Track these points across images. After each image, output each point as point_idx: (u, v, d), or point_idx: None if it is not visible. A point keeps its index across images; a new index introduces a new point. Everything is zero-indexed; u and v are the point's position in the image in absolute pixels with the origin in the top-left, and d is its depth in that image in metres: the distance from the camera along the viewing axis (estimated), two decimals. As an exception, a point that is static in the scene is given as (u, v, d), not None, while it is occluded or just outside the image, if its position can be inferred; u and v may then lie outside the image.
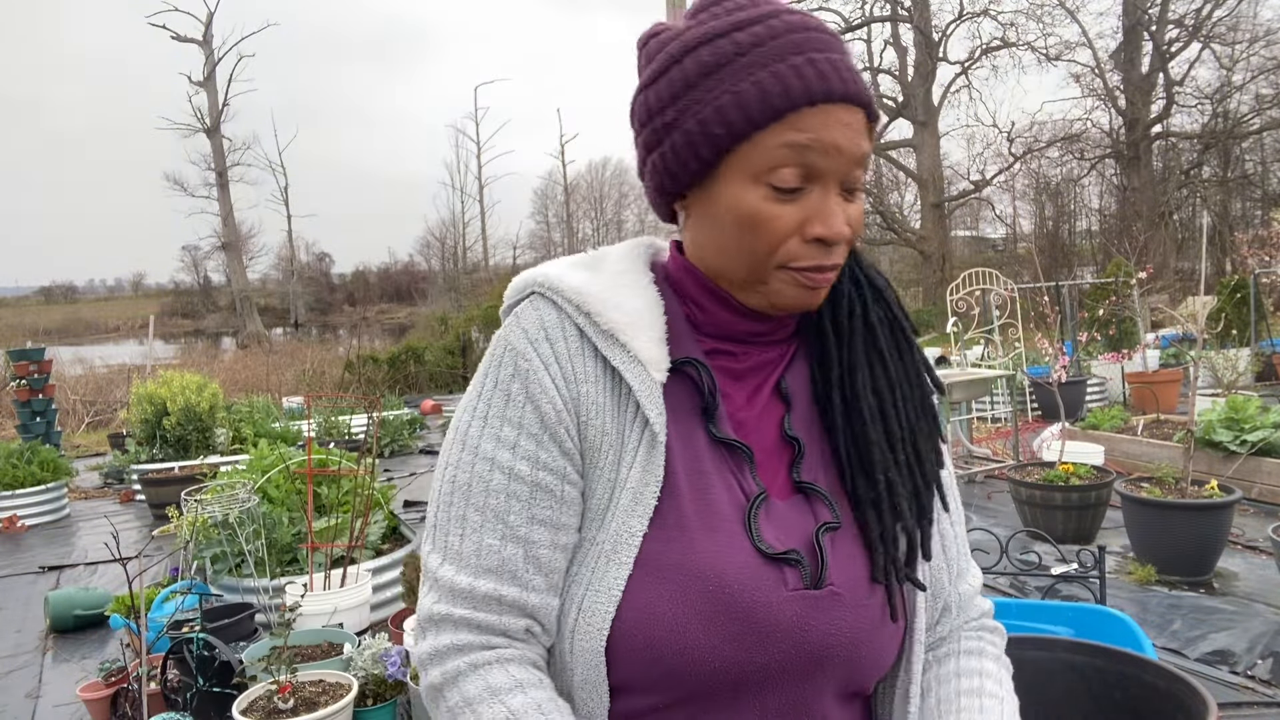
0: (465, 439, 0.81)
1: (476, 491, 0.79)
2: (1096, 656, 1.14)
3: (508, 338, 0.83)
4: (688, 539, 0.77)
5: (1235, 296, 10.82)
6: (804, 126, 0.75)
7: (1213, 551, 4.26)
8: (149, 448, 7.69)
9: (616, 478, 0.79)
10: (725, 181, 0.78)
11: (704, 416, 0.82)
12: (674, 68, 0.79)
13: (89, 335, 39.29)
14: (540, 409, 0.79)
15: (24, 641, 4.44)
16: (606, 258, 0.88)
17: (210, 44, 32.69)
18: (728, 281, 0.84)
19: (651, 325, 0.82)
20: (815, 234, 0.78)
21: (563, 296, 0.82)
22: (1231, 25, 22.08)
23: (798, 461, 0.85)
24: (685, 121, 0.78)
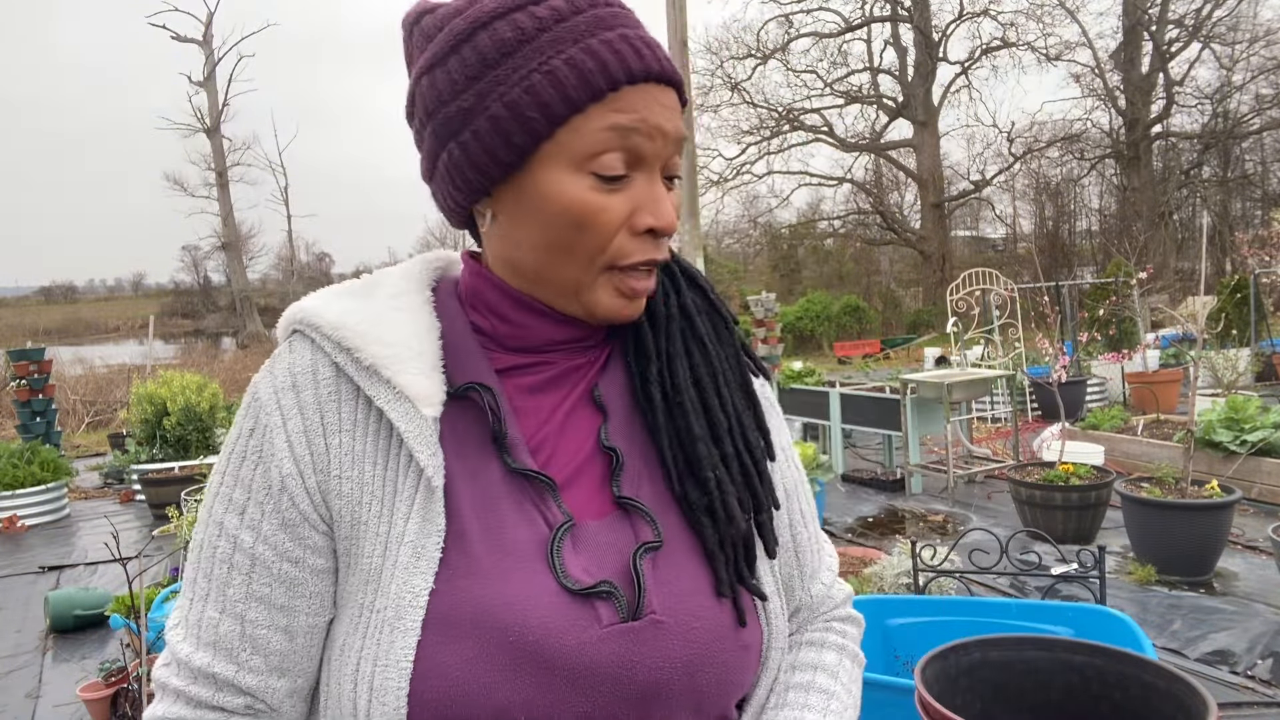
0: (209, 495, 0.74)
1: (205, 557, 0.72)
2: (1096, 656, 1.13)
3: (256, 386, 0.75)
4: (481, 588, 0.68)
5: (1235, 296, 10.83)
6: (626, 107, 0.68)
7: (1213, 551, 4.26)
8: (149, 448, 7.69)
9: (390, 533, 0.70)
10: (541, 172, 0.70)
11: (495, 446, 0.73)
12: (465, 46, 0.70)
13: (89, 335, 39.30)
14: (269, 473, 0.71)
15: (24, 641, 4.44)
16: (381, 283, 0.79)
17: (210, 44, 32.69)
18: (545, 289, 0.75)
19: (422, 353, 0.73)
20: (646, 224, 0.71)
21: (320, 332, 0.74)
22: (1231, 25, 22.09)
23: (616, 474, 0.76)
24: (488, 106, 0.68)
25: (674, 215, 0.72)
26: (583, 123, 0.68)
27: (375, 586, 0.69)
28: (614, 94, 0.68)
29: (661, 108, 0.70)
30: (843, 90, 26.71)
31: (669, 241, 0.75)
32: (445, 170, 0.73)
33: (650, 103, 0.70)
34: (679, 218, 0.75)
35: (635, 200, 0.71)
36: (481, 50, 0.69)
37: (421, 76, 0.73)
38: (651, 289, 0.75)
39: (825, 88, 26.40)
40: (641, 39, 0.70)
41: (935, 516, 5.64)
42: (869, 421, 6.73)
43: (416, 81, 0.73)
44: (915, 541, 3.15)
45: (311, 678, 0.75)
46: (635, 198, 0.71)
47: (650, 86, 0.70)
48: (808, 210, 30.67)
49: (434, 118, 0.72)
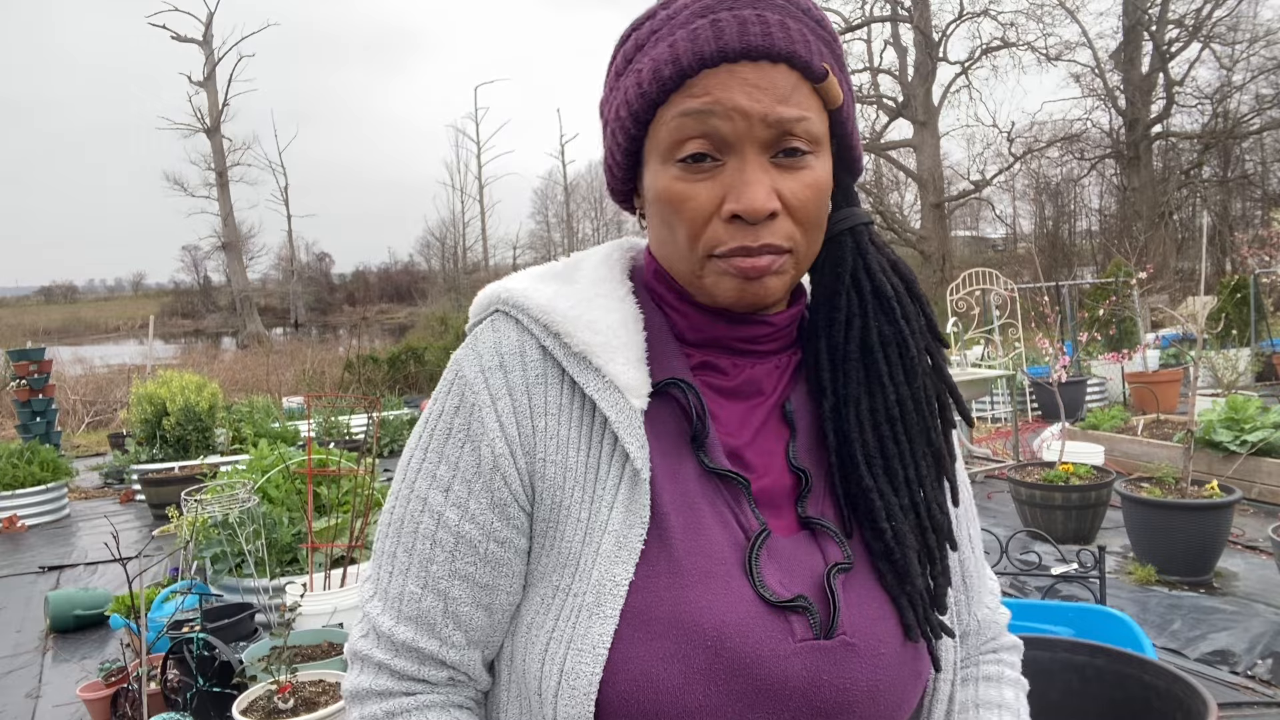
0: (406, 470, 0.74)
1: (407, 531, 0.72)
2: (1096, 656, 1.14)
3: (460, 363, 0.74)
4: (680, 587, 0.68)
5: (1235, 296, 10.82)
6: (699, 91, 0.67)
7: (1213, 551, 4.26)
8: (149, 448, 7.69)
9: (593, 520, 0.70)
10: (649, 170, 0.73)
11: (693, 444, 0.73)
12: (614, 57, 0.74)
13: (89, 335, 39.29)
14: (478, 451, 0.71)
15: (24, 641, 4.44)
16: (581, 266, 0.80)
17: (210, 44, 32.68)
18: (681, 282, 0.76)
19: (629, 344, 0.73)
20: (729, 210, 0.68)
21: (528, 315, 0.74)
22: (1231, 25, 22.09)
23: (804, 495, 0.75)
24: (615, 109, 0.73)
25: (766, 199, 0.67)
26: (664, 115, 0.69)
27: (573, 570, 0.70)
28: (691, 80, 0.67)
29: (747, 86, 0.66)
30: (843, 90, 26.65)
31: (783, 226, 0.69)
32: (604, 168, 0.78)
33: (728, 82, 0.66)
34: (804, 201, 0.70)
35: (726, 185, 0.68)
36: (617, 59, 0.74)
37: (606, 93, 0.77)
38: (767, 266, 0.69)
39: (825, 88, 26.34)
40: (735, 17, 0.66)
41: (935, 516, 5.64)
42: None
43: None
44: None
45: (498, 649, 0.76)
46: (726, 183, 0.68)
47: (734, 66, 0.66)
48: (808, 210, 30.62)
49: (604, 125, 0.77)
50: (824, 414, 0.76)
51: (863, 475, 0.74)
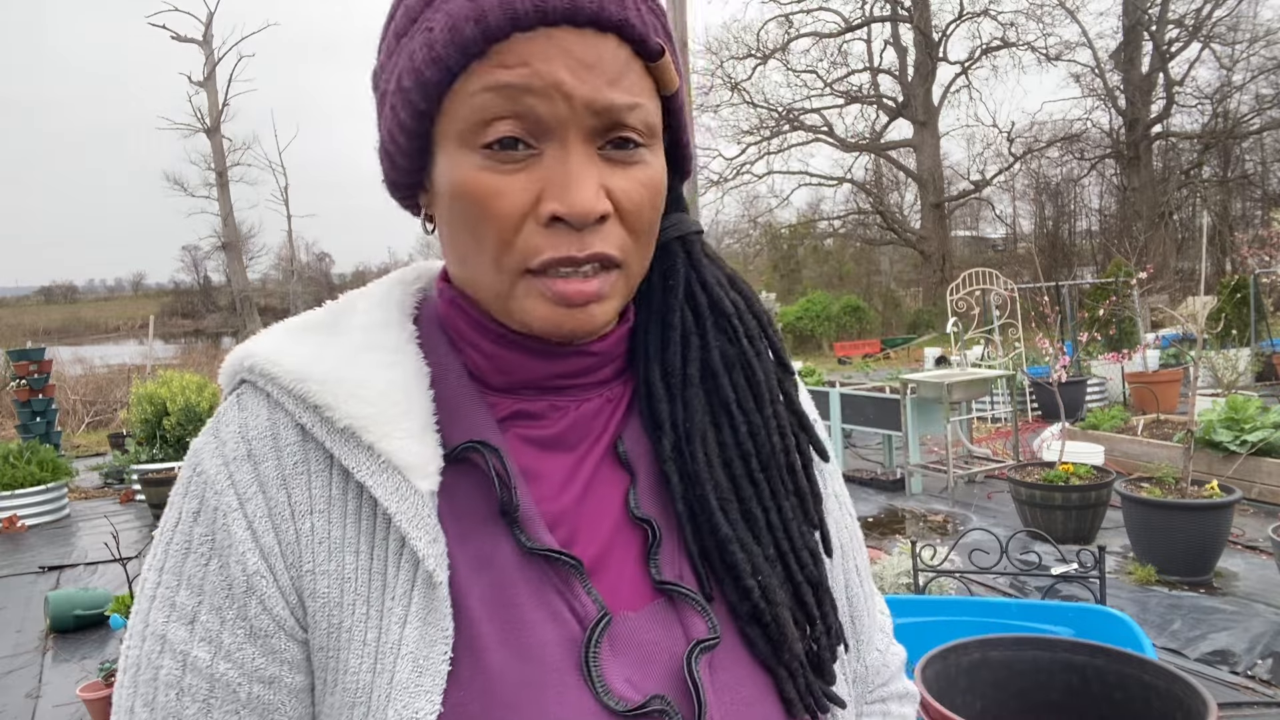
0: (142, 598, 0.58)
1: (144, 680, 0.56)
2: (1096, 656, 1.14)
3: (198, 455, 0.59)
4: (501, 713, 0.53)
5: (1235, 296, 10.83)
6: (511, 60, 0.53)
7: (1213, 551, 4.26)
8: (149, 448, 7.69)
9: (383, 643, 0.55)
10: (440, 156, 0.57)
11: (505, 520, 0.58)
12: (393, 13, 0.59)
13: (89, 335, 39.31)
14: (227, 568, 0.56)
15: (24, 641, 4.44)
16: (353, 309, 0.64)
17: (210, 44, 32.68)
18: (485, 305, 0.61)
19: (410, 409, 0.58)
20: (549, 211, 0.54)
21: (277, 385, 0.58)
22: (1231, 25, 22.09)
23: (653, 553, 0.61)
24: (393, 81, 0.57)
25: (589, 195, 0.54)
26: (463, 87, 0.54)
27: (365, 709, 0.54)
28: (500, 45, 0.53)
29: (569, 58, 0.53)
30: (843, 90, 26.72)
31: (613, 233, 0.57)
32: (380, 155, 0.62)
33: (549, 51, 0.53)
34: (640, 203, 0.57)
35: (543, 179, 0.55)
36: (396, 20, 0.58)
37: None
38: (596, 291, 0.57)
39: (825, 88, 26.41)
40: None
41: (935, 516, 5.65)
42: (869, 421, 6.73)
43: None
44: (915, 541, 3.16)
45: None
46: (544, 177, 0.55)
47: (555, 31, 0.53)
48: (808, 210, 30.68)
49: (377, 90, 0.61)
50: (664, 453, 0.63)
51: (719, 523, 0.61)
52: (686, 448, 0.63)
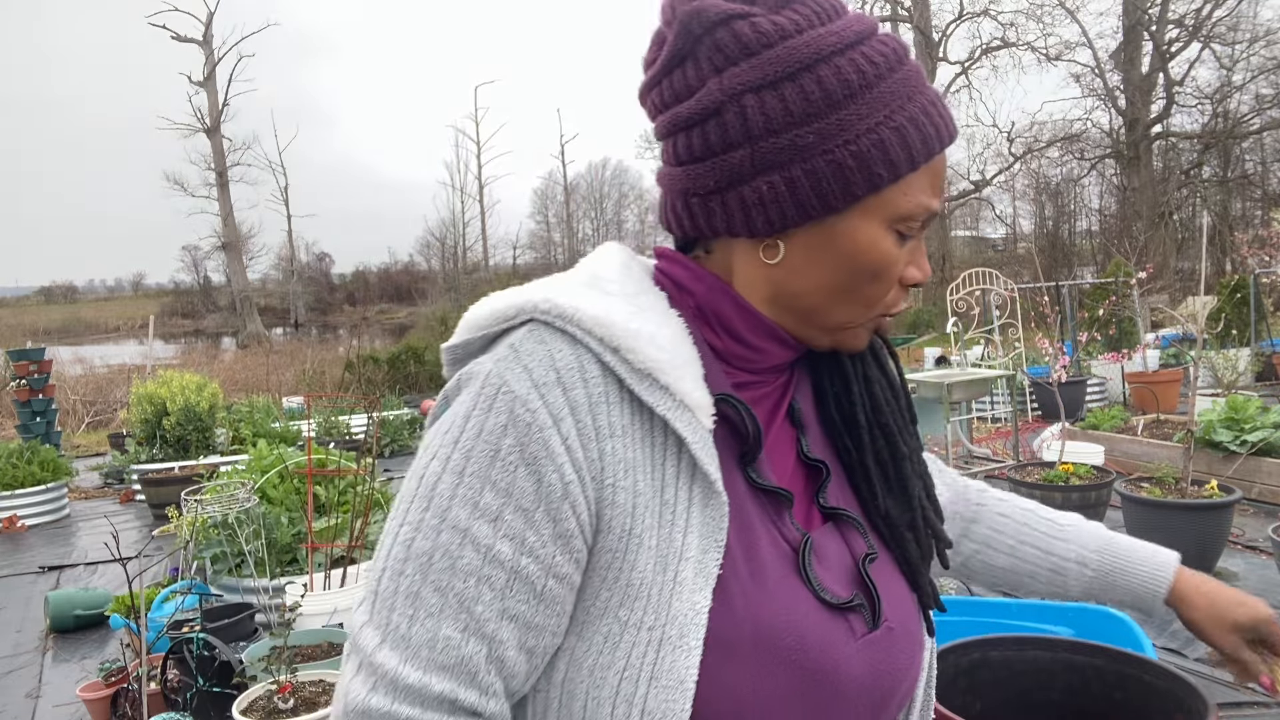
0: (433, 497, 0.65)
1: (439, 568, 0.63)
2: (1096, 656, 1.14)
3: (503, 376, 0.66)
4: (755, 606, 0.67)
5: (1235, 296, 10.83)
6: (936, 171, 0.71)
7: (1213, 551, 4.26)
8: (149, 448, 7.69)
9: (667, 548, 0.66)
10: (859, 221, 0.69)
11: (743, 461, 0.72)
12: (805, 76, 0.67)
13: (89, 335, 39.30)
14: (541, 477, 0.64)
15: (24, 641, 4.44)
16: (604, 274, 0.74)
17: (210, 44, 32.69)
18: (805, 322, 0.75)
19: (689, 362, 0.70)
20: (913, 278, 0.74)
21: (581, 327, 0.67)
22: (1231, 25, 22.10)
23: (823, 487, 0.78)
24: (832, 150, 0.66)
25: (929, 270, 0.77)
26: (910, 183, 0.69)
27: (644, 603, 0.65)
28: (935, 158, 0.71)
29: (940, 176, 0.73)
30: (843, 90, 26.69)
31: None
32: (755, 197, 0.69)
33: (939, 171, 0.73)
34: None
35: (909, 256, 0.74)
36: (826, 86, 0.67)
37: (746, 93, 0.67)
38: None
39: (825, 88, 26.38)
40: (940, 101, 0.72)
41: (935, 516, 5.64)
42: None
43: (738, 96, 0.68)
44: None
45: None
46: (909, 254, 0.74)
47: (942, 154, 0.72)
48: (808, 210, 30.64)
49: (757, 143, 0.68)
50: (854, 399, 0.81)
51: (898, 444, 0.81)
52: (866, 391, 0.82)
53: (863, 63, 0.68)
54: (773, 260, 0.72)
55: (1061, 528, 1.10)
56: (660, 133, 0.75)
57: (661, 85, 0.73)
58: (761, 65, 0.67)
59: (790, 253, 0.72)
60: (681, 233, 0.76)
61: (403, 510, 0.66)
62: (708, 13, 0.68)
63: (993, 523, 1.12)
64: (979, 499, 1.15)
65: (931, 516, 0.83)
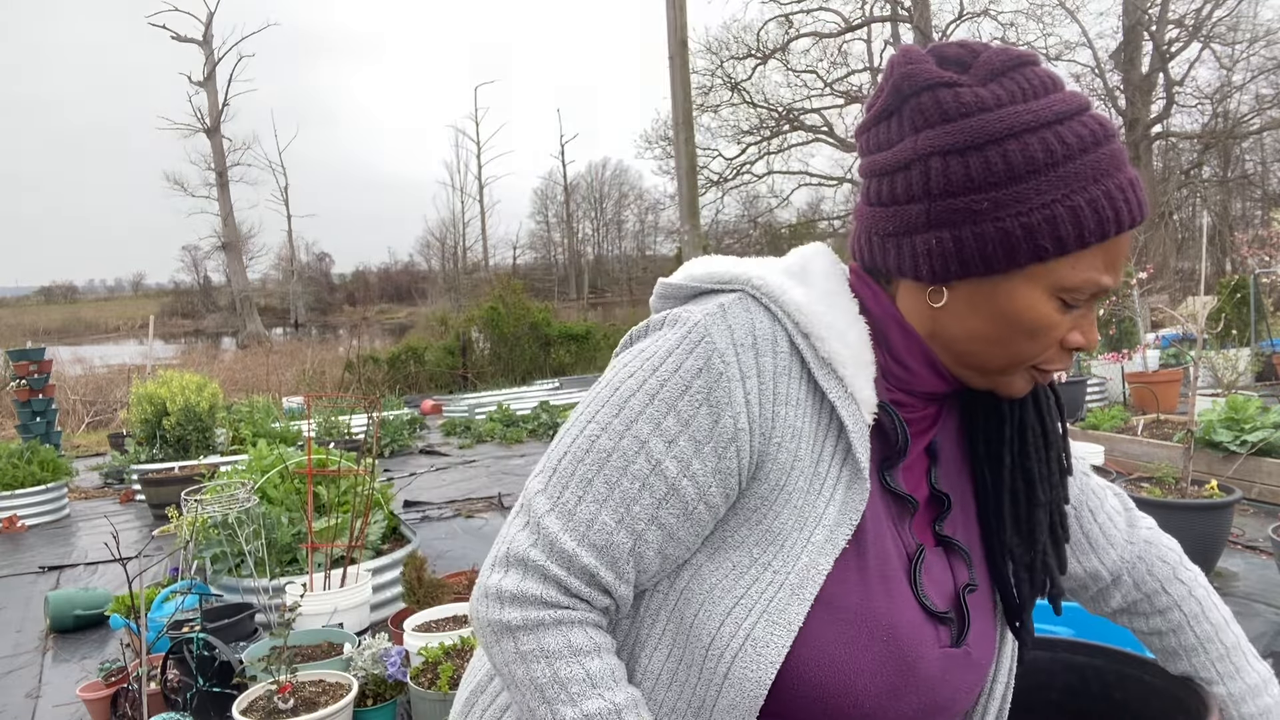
0: (624, 407, 0.76)
1: (614, 465, 0.75)
2: (1096, 656, 1.14)
3: (709, 329, 0.76)
4: (866, 586, 0.77)
5: (1235, 296, 10.83)
6: (1112, 253, 0.76)
7: (1213, 551, 4.26)
8: (149, 448, 7.69)
9: (809, 510, 0.76)
10: (1022, 285, 0.76)
11: (883, 464, 0.82)
12: (992, 148, 0.73)
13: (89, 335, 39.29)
14: (718, 418, 0.74)
15: (24, 641, 4.44)
16: (811, 269, 0.84)
17: (210, 44, 32.67)
18: (960, 363, 0.82)
19: (867, 363, 0.79)
20: (1076, 344, 0.80)
21: (782, 308, 0.78)
22: (1231, 25, 22.08)
23: (943, 516, 0.86)
24: (1003, 218, 0.73)
25: (1096, 340, 0.82)
26: (1079, 258, 0.74)
27: (777, 549, 0.76)
28: (1110, 239, 0.74)
29: (1121, 254, 0.77)
30: (843, 90, 26.70)
31: None
32: (924, 248, 0.77)
33: (1126, 245, 0.77)
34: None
35: (1075, 321, 0.79)
36: (1010, 161, 0.72)
37: (933, 156, 0.75)
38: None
39: (825, 88, 26.40)
40: (1134, 185, 0.75)
41: (935, 516, 5.64)
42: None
43: (927, 156, 0.75)
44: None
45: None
46: (1076, 319, 0.79)
47: (1128, 231, 0.76)
48: (808, 210, 30.68)
49: (936, 200, 0.75)
50: (1004, 438, 0.88)
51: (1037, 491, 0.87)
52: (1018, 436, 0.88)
53: (1052, 142, 0.72)
54: (937, 304, 0.80)
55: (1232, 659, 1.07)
56: (862, 173, 0.84)
57: (871, 132, 0.82)
58: (954, 133, 0.74)
59: (953, 300, 0.79)
60: (864, 263, 0.85)
61: (593, 410, 0.77)
62: (918, 77, 0.76)
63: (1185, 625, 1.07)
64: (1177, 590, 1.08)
65: (1051, 563, 0.89)
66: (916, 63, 0.77)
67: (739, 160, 26.40)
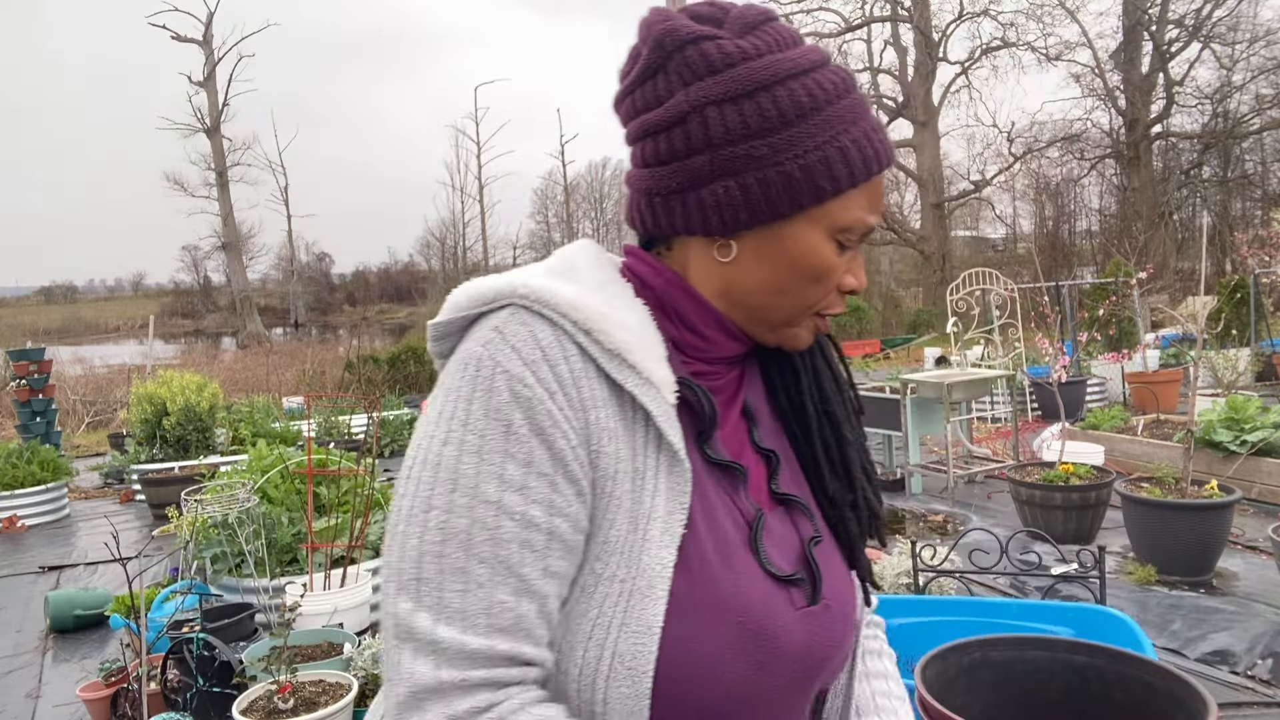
0: (457, 478, 0.69)
1: (480, 541, 0.68)
2: (1097, 656, 1.13)
3: (494, 357, 0.72)
4: (709, 570, 0.74)
5: (1235, 296, 10.83)
6: (874, 190, 0.80)
7: (1213, 551, 4.26)
8: (149, 448, 7.69)
9: (639, 509, 0.73)
10: (804, 229, 0.78)
11: (700, 439, 0.80)
12: (762, 95, 0.75)
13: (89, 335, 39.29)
14: (551, 444, 0.71)
15: (24, 641, 4.44)
16: (577, 264, 0.81)
17: (210, 44, 32.68)
18: (752, 318, 0.82)
19: (655, 344, 0.78)
20: (850, 286, 0.83)
21: (557, 311, 0.74)
22: (1231, 25, 22.10)
23: (775, 473, 0.85)
24: (783, 162, 0.75)
25: (865, 280, 0.85)
26: (850, 198, 0.77)
27: (617, 558, 0.72)
28: (876, 177, 0.79)
29: (881, 194, 0.82)
30: (843, 90, 26.68)
31: None
32: (712, 200, 0.77)
33: (882, 188, 0.81)
34: None
35: (848, 264, 0.82)
36: (780, 105, 0.75)
37: (709, 105, 0.75)
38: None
39: (825, 88, 26.37)
40: (880, 129, 0.80)
41: (935, 516, 5.65)
42: (869, 421, 6.72)
43: (701, 107, 0.76)
44: (915, 541, 3.16)
45: None
46: (849, 263, 0.82)
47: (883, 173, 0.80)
48: (808, 210, 30.64)
49: (716, 150, 0.76)
50: (802, 389, 0.89)
51: (843, 431, 0.89)
52: (815, 384, 0.90)
53: (815, 88, 0.76)
54: (726, 259, 0.80)
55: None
56: (631, 137, 0.83)
57: (635, 94, 0.81)
58: (725, 82, 0.75)
59: (741, 253, 0.80)
60: (644, 230, 0.84)
61: (424, 496, 0.70)
62: (679, 32, 0.77)
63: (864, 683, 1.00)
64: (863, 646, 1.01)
65: (871, 498, 0.90)
66: (673, 19, 0.78)
67: (739, 160, 26.36)
